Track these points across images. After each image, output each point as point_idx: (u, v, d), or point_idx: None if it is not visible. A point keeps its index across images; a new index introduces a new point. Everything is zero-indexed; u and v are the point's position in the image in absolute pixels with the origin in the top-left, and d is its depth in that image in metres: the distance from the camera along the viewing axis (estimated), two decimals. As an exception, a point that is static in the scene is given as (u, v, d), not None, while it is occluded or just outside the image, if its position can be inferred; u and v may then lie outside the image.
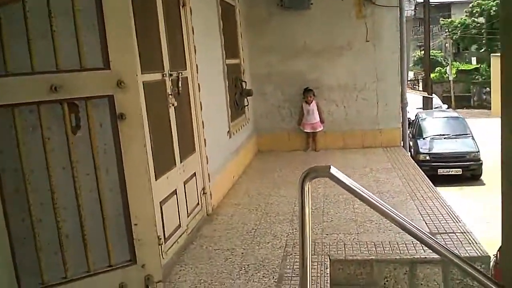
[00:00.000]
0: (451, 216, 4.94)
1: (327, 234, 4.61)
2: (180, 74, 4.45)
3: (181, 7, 4.66)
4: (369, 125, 8.23)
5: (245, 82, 7.39)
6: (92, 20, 1.99)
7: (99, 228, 2.11)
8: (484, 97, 33.36)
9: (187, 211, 4.58)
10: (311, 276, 2.18)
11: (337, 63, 8.10)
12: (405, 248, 4.14)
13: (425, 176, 6.59)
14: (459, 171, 12.52)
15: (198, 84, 4.98)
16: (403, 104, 8.27)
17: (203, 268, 3.91)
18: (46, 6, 1.90)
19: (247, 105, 7.49)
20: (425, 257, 3.97)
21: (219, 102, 6.10)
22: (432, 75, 25.03)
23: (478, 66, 36.59)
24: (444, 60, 36.63)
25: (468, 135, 13.44)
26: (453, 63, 35.44)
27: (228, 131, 6.39)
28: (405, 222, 2.70)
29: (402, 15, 7.92)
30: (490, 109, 29.28)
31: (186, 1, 4.73)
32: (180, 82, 4.40)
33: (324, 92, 8.20)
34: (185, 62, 4.73)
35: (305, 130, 8.21)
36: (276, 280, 3.65)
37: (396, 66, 8.05)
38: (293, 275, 3.75)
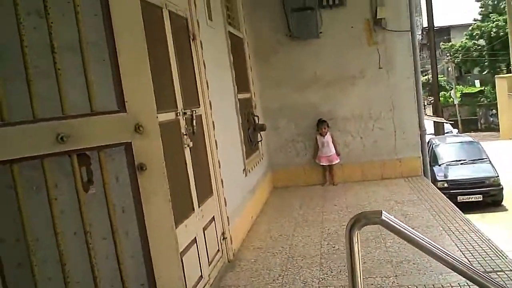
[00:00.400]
0: (495, 251, 4.52)
1: (362, 279, 4.20)
2: (194, 112, 4.13)
3: (191, 40, 4.38)
4: (388, 155, 7.86)
5: (257, 116, 7.09)
6: (103, 54, 1.67)
7: (120, 304, 1.74)
8: (491, 119, 33.09)
9: (208, 260, 4.19)
10: None
11: (350, 93, 7.80)
12: (452, 293, 3.72)
13: (455, 207, 6.19)
14: (479, 198, 12.06)
15: (213, 122, 4.66)
16: (422, 132, 7.93)
17: (232, 327, 3.49)
18: (48, 39, 1.59)
19: (260, 141, 7.16)
20: (476, 302, 3.54)
21: (233, 139, 5.77)
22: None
23: (482, 88, 36.46)
24: (448, 84, 36.56)
25: (485, 159, 13.05)
26: (456, 86, 35.33)
27: (244, 169, 6.04)
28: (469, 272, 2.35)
29: (414, 39, 7.67)
30: (498, 131, 28.92)
31: (196, 34, 4.45)
32: (194, 121, 4.08)
33: (338, 123, 7.88)
34: (198, 99, 4.42)
35: (321, 163, 7.84)
36: None
37: (412, 92, 7.74)
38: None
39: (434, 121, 17.07)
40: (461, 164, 13.00)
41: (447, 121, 18.14)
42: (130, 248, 1.76)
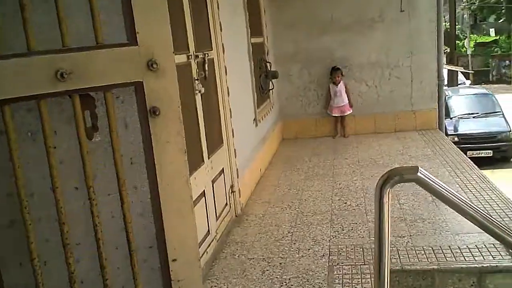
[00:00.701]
0: (515, 211, 4.33)
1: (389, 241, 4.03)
2: (206, 55, 3.84)
3: (204, -23, 4.03)
4: (403, 106, 7.57)
5: (270, 63, 6.76)
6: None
7: (125, 268, 1.52)
8: (504, 71, 32.29)
9: (216, 215, 4.02)
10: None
11: (368, 38, 7.40)
12: (470, 255, 3.53)
13: (472, 163, 5.96)
14: (489, 153, 11.81)
15: (225, 66, 4.37)
16: (440, 82, 7.59)
17: (238, 283, 3.34)
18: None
19: (272, 89, 6.86)
20: (496, 265, 3.36)
21: (245, 86, 5.49)
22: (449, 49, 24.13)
23: (497, 37, 35.35)
24: (461, 33, 35.48)
25: (498, 113, 12.68)
26: (470, 35, 34.31)
27: (254, 119, 5.79)
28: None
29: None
30: (510, 84, 28.34)
31: (209, -30, 4.09)
32: (206, 65, 3.80)
33: (353, 71, 7.53)
34: (210, 42, 4.11)
35: (333, 114, 7.56)
36: (329, 299, 3.09)
37: (433, 38, 7.32)
38: (348, 292, 3.19)
39: (448, 71, 16.51)
40: (474, 117, 12.66)
41: (467, 71, 17.47)
42: (138, 205, 1.53)
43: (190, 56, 3.47)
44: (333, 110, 7.52)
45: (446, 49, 19.06)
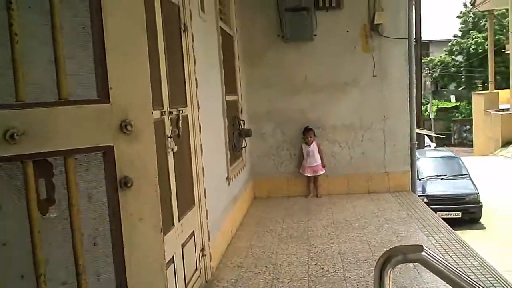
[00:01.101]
0: (496, 277, 4.15)
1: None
2: (181, 111, 3.63)
3: (182, 31, 3.87)
4: (376, 168, 7.47)
5: (243, 120, 6.60)
6: (82, 19, 1.16)
7: None
8: (465, 135, 33.36)
9: (185, 282, 3.68)
10: None
11: (341, 100, 7.38)
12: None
13: (449, 227, 5.83)
14: (458, 214, 11.80)
15: (199, 124, 4.16)
16: (412, 145, 7.57)
17: None
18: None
19: (245, 147, 6.67)
20: None
21: (219, 144, 5.27)
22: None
23: (458, 104, 36.89)
24: (424, 98, 36.78)
25: (465, 175, 12.83)
26: (432, 101, 35.66)
27: (227, 178, 5.54)
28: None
29: (411, 48, 7.31)
30: (471, 147, 29.11)
31: (188, 25, 3.95)
32: (180, 122, 3.57)
33: (327, 132, 7.45)
34: (185, 98, 3.91)
35: (306, 174, 7.39)
36: None
37: (405, 103, 7.39)
38: None
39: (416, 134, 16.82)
40: (442, 179, 12.76)
41: (438, 135, 17.78)
42: (102, 297, 1.24)
43: (164, 113, 3.25)
44: (305, 170, 7.35)
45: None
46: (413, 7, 7.46)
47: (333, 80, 7.34)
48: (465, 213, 11.90)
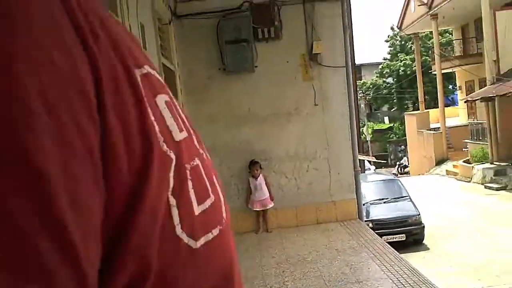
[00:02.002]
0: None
1: None
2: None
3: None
4: (323, 198, 7.45)
5: (188, 156, 6.40)
6: None
7: None
8: (400, 155, 34.57)
9: None
10: None
11: (285, 130, 7.36)
12: None
13: (399, 255, 5.85)
14: (403, 237, 12.00)
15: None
16: (356, 172, 7.64)
17: None
18: None
19: (190, 183, 6.45)
20: None
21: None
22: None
23: (392, 125, 38.25)
24: (360, 121, 38.00)
25: (405, 197, 13.13)
26: (367, 123, 36.82)
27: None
28: None
29: (349, 75, 7.43)
30: (407, 167, 30.17)
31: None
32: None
33: (273, 164, 7.37)
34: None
35: (254, 209, 7.22)
36: None
37: (347, 130, 7.45)
38: None
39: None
40: (384, 202, 12.98)
41: (377, 160, 18.21)
42: None
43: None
44: (254, 204, 7.19)
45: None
46: (348, 35, 7.61)
47: (276, 110, 7.32)
48: (408, 235, 12.09)
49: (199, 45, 7.13)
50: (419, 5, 25.52)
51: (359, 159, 15.91)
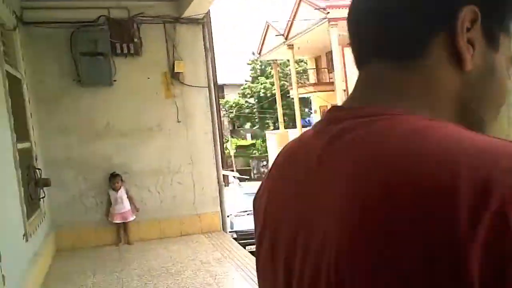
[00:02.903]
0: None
1: None
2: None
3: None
4: (187, 211, 7.47)
5: (40, 169, 6.01)
6: None
7: None
8: (262, 170, 35.87)
9: None
10: None
11: (147, 146, 7.25)
12: None
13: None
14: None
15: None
16: (220, 186, 7.81)
17: None
18: None
19: (43, 197, 6.05)
20: None
21: (11, 199, 4.68)
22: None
23: (254, 141, 39.68)
24: (224, 137, 38.82)
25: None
26: (231, 139, 37.78)
27: (24, 234, 4.92)
28: None
29: (211, 95, 7.62)
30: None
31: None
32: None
33: (135, 177, 7.20)
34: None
35: (115, 221, 7.00)
36: None
37: (210, 146, 7.62)
38: None
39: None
40: (248, 214, 13.37)
41: (240, 175, 18.56)
42: None
43: None
44: (114, 217, 6.96)
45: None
46: (209, 57, 7.78)
47: (138, 125, 7.20)
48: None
49: (51, 55, 6.78)
50: (276, 35, 26.80)
51: (223, 174, 16.31)
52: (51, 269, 6.10)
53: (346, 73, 21.18)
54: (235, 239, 11.76)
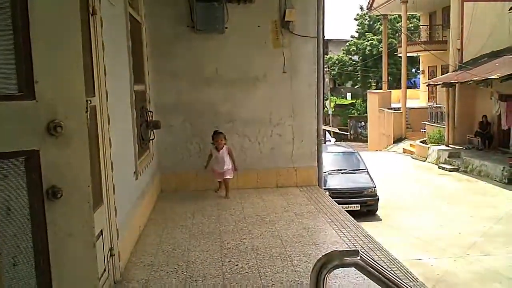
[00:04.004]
0: (409, 278, 4.34)
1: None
2: (89, 102, 3.34)
3: (90, 15, 3.58)
4: (284, 163, 7.57)
5: (151, 112, 6.34)
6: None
7: None
8: (360, 130, 35.23)
9: (94, 285, 3.42)
10: None
11: (252, 95, 7.36)
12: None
13: (356, 222, 6.03)
14: (357, 207, 12.41)
15: (108, 115, 3.89)
16: (319, 141, 7.76)
17: None
18: None
19: (152, 139, 6.41)
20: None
21: (127, 136, 5.00)
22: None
23: (354, 101, 38.85)
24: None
25: (364, 170, 13.55)
26: (330, 97, 37.26)
27: (135, 172, 5.28)
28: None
29: (319, 47, 7.46)
30: (366, 142, 30.83)
31: (97, 8, 3.66)
32: (88, 113, 3.29)
33: (237, 126, 7.39)
34: (93, 87, 3.63)
35: (215, 178, 7.15)
36: None
37: (313, 100, 7.54)
38: None
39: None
40: (342, 173, 13.34)
41: (340, 131, 18.53)
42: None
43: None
44: (214, 173, 7.05)
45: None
46: (321, 7, 7.58)
47: (244, 74, 7.30)
48: (363, 205, 12.55)
49: (169, 0, 6.97)
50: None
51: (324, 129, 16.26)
52: (155, 207, 6.53)
53: (463, 31, 19.60)
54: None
